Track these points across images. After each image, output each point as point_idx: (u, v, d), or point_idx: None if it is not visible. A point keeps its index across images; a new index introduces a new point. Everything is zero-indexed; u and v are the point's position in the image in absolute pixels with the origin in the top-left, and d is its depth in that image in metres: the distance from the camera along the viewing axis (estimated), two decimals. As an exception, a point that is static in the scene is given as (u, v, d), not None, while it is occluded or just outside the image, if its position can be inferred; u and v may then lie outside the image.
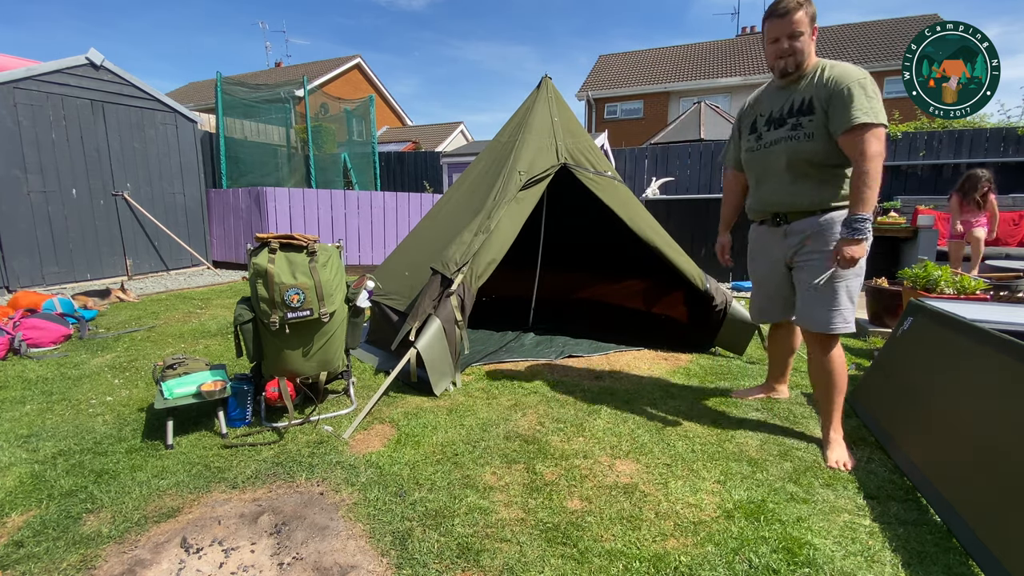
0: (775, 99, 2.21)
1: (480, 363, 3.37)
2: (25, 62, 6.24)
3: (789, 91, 2.15)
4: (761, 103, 2.29)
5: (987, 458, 1.64)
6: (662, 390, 2.91)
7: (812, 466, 2.09)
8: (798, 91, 2.11)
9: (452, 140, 21.87)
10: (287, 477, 2.02)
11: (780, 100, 2.18)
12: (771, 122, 2.19)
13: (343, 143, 10.99)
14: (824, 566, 1.52)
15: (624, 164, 10.41)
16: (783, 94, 2.17)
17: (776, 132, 2.16)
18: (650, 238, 3.38)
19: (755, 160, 2.29)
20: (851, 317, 2.10)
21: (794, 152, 2.09)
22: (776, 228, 2.25)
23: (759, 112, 2.27)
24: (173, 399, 2.30)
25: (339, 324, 2.52)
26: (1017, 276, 3.79)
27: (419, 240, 3.74)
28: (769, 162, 2.20)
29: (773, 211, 2.24)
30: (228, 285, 6.55)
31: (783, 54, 2.09)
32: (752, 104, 2.36)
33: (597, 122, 21.24)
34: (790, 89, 2.14)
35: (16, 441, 2.31)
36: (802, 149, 2.07)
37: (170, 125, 7.23)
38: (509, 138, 3.58)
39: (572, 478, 2.00)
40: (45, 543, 1.64)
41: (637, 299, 4.55)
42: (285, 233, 2.37)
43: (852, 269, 2.03)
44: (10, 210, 5.71)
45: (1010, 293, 3.35)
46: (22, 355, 3.46)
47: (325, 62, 23.12)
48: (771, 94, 2.25)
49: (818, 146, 2.04)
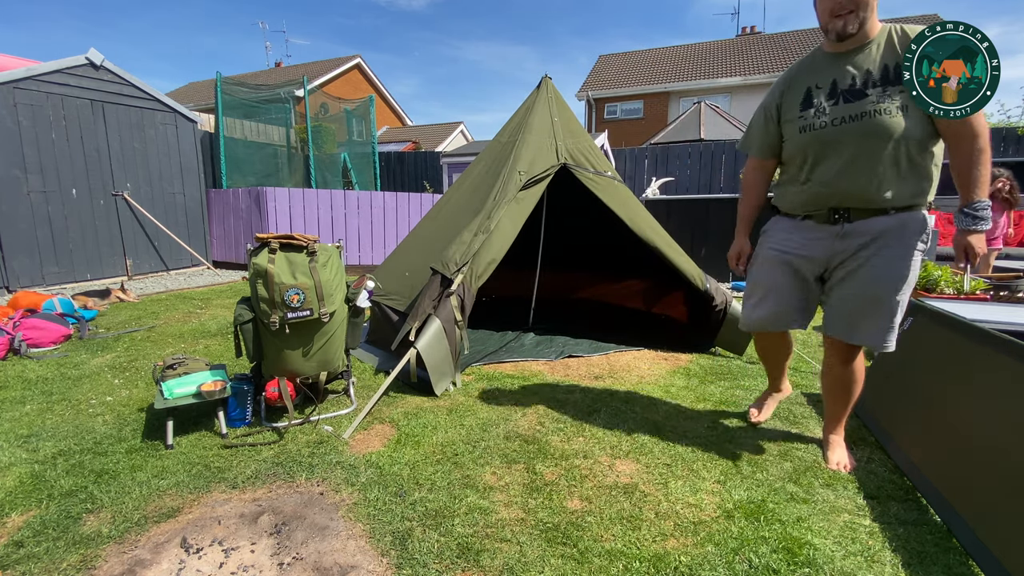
0: (836, 68, 1.80)
1: (480, 363, 3.37)
2: (25, 62, 6.24)
3: (855, 58, 1.76)
4: (816, 74, 1.86)
5: (987, 458, 1.64)
6: (662, 390, 2.91)
7: (812, 466, 2.09)
8: (871, 58, 1.73)
9: (452, 140, 21.87)
10: (287, 477, 2.02)
11: (848, 69, 1.77)
12: (841, 94, 1.77)
13: (343, 143, 10.99)
14: (824, 566, 1.52)
15: (624, 164, 10.41)
16: (847, 62, 1.78)
17: (853, 105, 1.74)
18: (650, 238, 3.38)
19: (818, 138, 1.82)
20: (896, 331, 1.86)
21: (886, 128, 1.68)
22: (829, 226, 1.85)
23: (814, 83, 1.84)
24: (173, 399, 2.30)
25: (339, 324, 2.52)
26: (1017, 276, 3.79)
27: (419, 240, 3.74)
28: (843, 140, 1.77)
29: (833, 204, 1.83)
30: (228, 285, 6.55)
31: (841, 9, 1.71)
32: (794, 78, 1.93)
33: (597, 122, 21.24)
34: (855, 56, 1.76)
35: (16, 441, 2.31)
36: (896, 125, 1.67)
37: (170, 125, 7.23)
38: (509, 138, 3.58)
39: (572, 478, 2.00)
40: (45, 543, 1.64)
41: (637, 299, 4.55)
42: (285, 233, 2.37)
43: (910, 277, 1.79)
44: (10, 210, 5.71)
45: (1010, 293, 3.35)
46: (22, 355, 3.46)
47: (325, 62, 23.11)
48: (828, 64, 1.84)
49: (914, 124, 1.67)
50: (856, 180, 1.77)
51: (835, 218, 1.85)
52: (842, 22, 1.73)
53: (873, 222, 1.78)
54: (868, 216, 1.78)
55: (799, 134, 1.89)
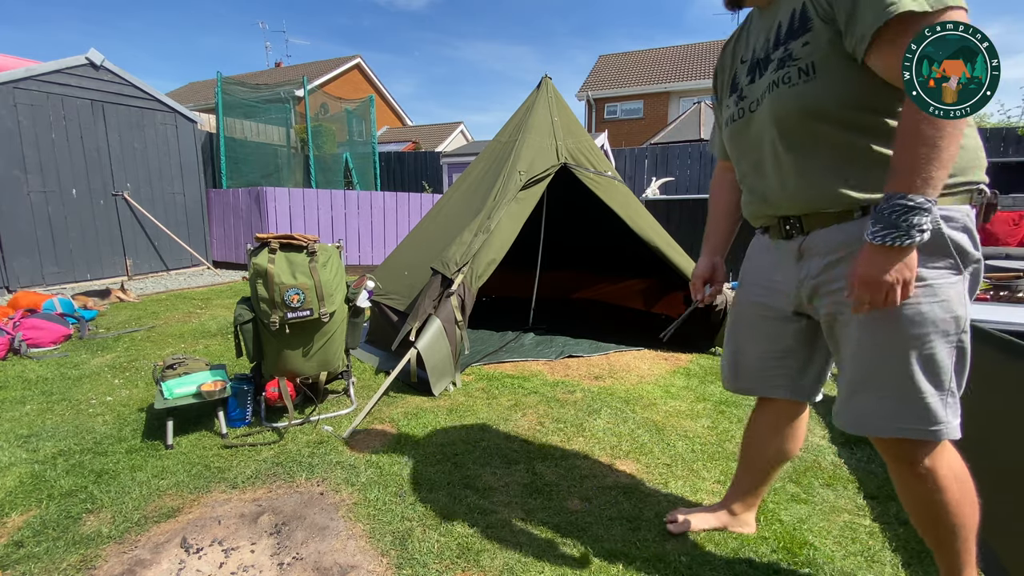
0: (757, 32, 1.31)
1: (480, 363, 3.37)
2: (25, 62, 6.24)
3: (775, 10, 1.24)
4: (741, 45, 1.38)
5: (987, 458, 1.64)
6: (662, 390, 2.91)
7: (812, 466, 2.09)
8: (782, 5, 1.22)
9: (452, 140, 21.87)
10: (287, 477, 2.02)
11: (763, 31, 1.28)
12: (754, 69, 1.28)
13: (343, 143, 11.00)
14: (824, 566, 1.52)
15: (624, 164, 10.41)
16: (767, 20, 1.27)
17: (760, 82, 1.25)
18: (650, 238, 3.38)
19: (736, 136, 1.36)
20: (940, 411, 1.11)
21: (787, 105, 1.16)
22: (786, 241, 1.29)
23: (740, 58, 1.36)
24: (173, 399, 2.30)
25: (339, 324, 2.52)
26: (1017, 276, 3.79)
27: (419, 240, 3.74)
28: (753, 134, 1.28)
29: (778, 214, 1.29)
30: (228, 285, 6.55)
31: None
32: (728, 52, 1.45)
33: (597, 122, 21.24)
34: (775, 8, 1.25)
35: (16, 441, 2.31)
36: (802, 96, 1.13)
37: (170, 125, 7.23)
38: (509, 138, 3.59)
39: (572, 478, 2.00)
40: (45, 543, 1.64)
41: (637, 299, 4.55)
42: (285, 233, 2.37)
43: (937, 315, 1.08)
44: (10, 210, 5.71)
45: (1010, 293, 3.35)
46: (22, 355, 3.46)
47: (325, 62, 23.11)
48: (753, 28, 1.35)
49: (830, 84, 1.10)
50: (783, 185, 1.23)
51: (788, 230, 1.27)
52: None
53: (836, 232, 1.17)
54: (826, 224, 1.18)
55: (727, 129, 1.40)
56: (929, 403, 1.10)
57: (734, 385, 1.53)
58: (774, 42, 1.22)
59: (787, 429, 1.53)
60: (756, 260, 1.45)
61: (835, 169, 1.14)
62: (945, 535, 1.22)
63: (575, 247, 4.62)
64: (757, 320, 1.43)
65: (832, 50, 1.09)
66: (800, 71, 1.13)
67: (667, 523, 1.69)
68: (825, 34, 1.09)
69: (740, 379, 1.51)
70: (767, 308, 1.39)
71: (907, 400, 1.11)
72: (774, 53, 1.21)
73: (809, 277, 1.23)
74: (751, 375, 1.48)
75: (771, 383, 1.45)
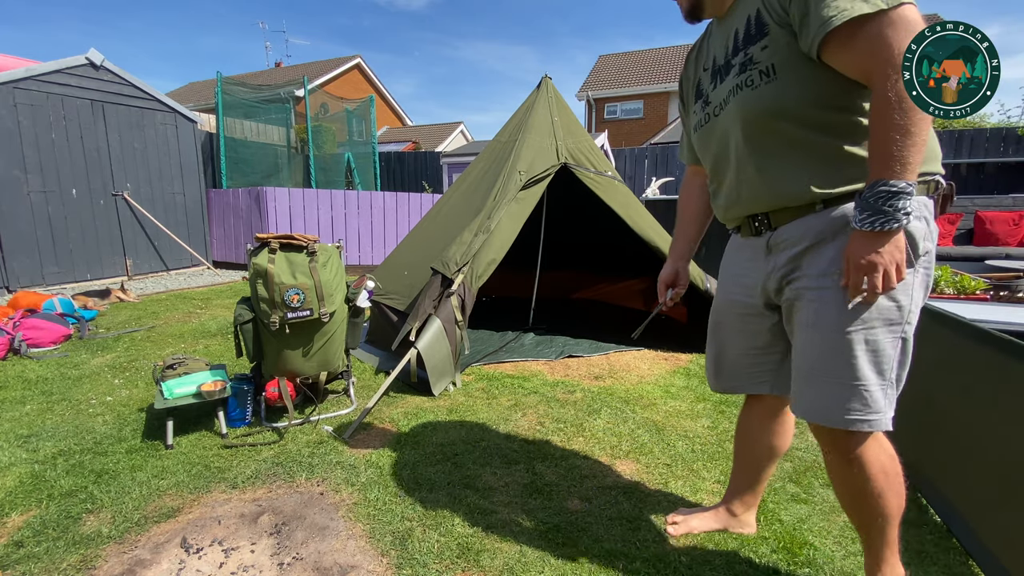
0: (717, 40, 1.34)
1: (480, 363, 3.37)
2: (25, 62, 6.23)
3: (731, 20, 1.28)
4: (703, 55, 1.42)
5: (987, 458, 1.64)
6: (662, 390, 2.91)
7: (812, 466, 2.09)
8: (736, 13, 1.25)
9: (452, 140, 21.87)
10: (287, 477, 2.02)
11: (722, 39, 1.31)
12: (716, 75, 1.32)
13: (343, 143, 11.00)
14: (824, 566, 1.52)
15: (624, 164, 10.41)
16: (725, 29, 1.30)
17: (722, 87, 1.28)
18: (650, 238, 3.38)
19: (704, 140, 1.39)
20: (879, 400, 1.15)
21: (751, 107, 1.19)
22: (756, 238, 1.33)
23: (702, 66, 1.40)
24: (173, 399, 2.30)
25: (339, 324, 2.52)
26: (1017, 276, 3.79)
27: (419, 240, 3.74)
28: (719, 137, 1.32)
29: (747, 213, 1.33)
30: (228, 285, 6.55)
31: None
32: (691, 61, 1.48)
33: (597, 122, 21.24)
34: (731, 18, 1.28)
35: (16, 441, 2.31)
36: (764, 98, 1.16)
37: (170, 125, 7.23)
38: (509, 138, 3.59)
39: (572, 478, 2.00)
40: (45, 543, 1.64)
41: (637, 299, 4.55)
42: (285, 233, 2.37)
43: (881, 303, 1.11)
44: (10, 210, 5.71)
45: (1010, 293, 3.35)
46: (22, 355, 3.46)
47: (325, 62, 23.11)
48: (713, 38, 1.38)
49: (788, 86, 1.13)
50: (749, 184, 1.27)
51: (757, 226, 1.31)
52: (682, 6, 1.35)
53: (799, 225, 1.20)
54: (790, 218, 1.22)
55: (696, 134, 1.44)
56: (871, 391, 1.14)
57: (717, 384, 1.56)
58: (733, 48, 1.25)
59: (775, 425, 1.55)
60: (731, 259, 1.49)
61: (799, 167, 1.17)
62: (869, 520, 1.28)
63: (575, 247, 4.62)
64: (735, 318, 1.45)
65: (790, 52, 1.12)
66: (761, 73, 1.17)
67: (667, 524, 1.67)
68: (782, 37, 1.13)
69: (722, 378, 1.54)
70: (743, 305, 1.41)
71: (851, 387, 1.15)
72: (734, 59, 1.24)
73: (776, 269, 1.26)
74: (734, 373, 1.50)
75: (754, 379, 1.47)
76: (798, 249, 1.21)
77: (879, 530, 1.29)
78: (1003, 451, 1.56)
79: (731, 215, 1.39)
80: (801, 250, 1.21)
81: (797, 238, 1.21)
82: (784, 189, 1.20)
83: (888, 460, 1.25)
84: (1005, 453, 1.55)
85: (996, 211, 6.68)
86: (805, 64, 1.11)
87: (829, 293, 1.15)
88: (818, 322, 1.17)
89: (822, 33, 1.03)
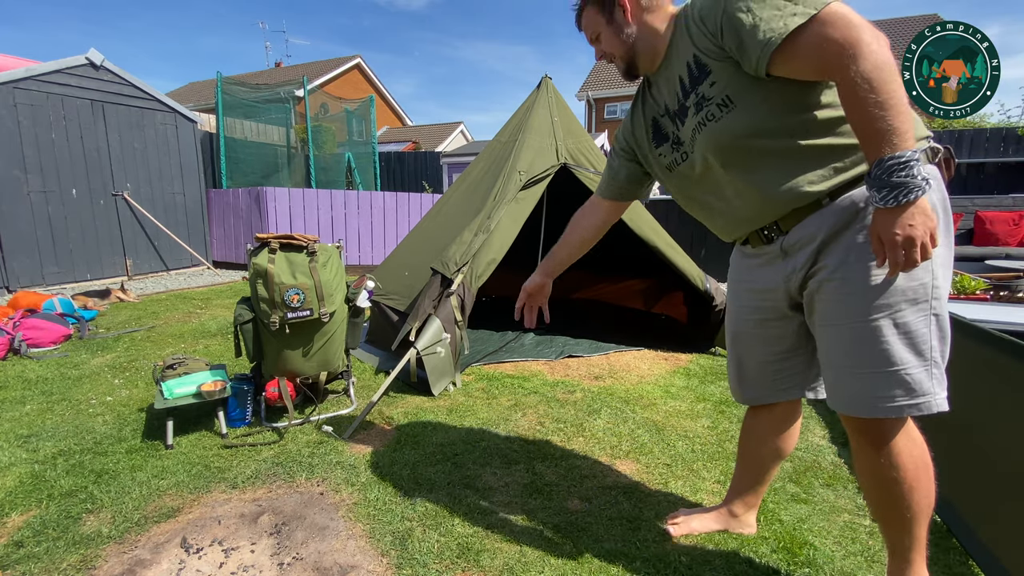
0: (659, 91, 1.40)
1: (480, 363, 3.37)
2: (25, 62, 6.24)
3: (668, 72, 1.33)
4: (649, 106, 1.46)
5: (987, 458, 1.64)
6: (662, 390, 2.91)
7: (812, 466, 2.09)
8: (672, 64, 1.31)
9: (452, 140, 21.88)
10: (287, 477, 2.02)
11: (665, 88, 1.36)
12: (675, 118, 1.36)
13: (343, 143, 11.00)
14: (824, 566, 1.52)
15: (624, 164, 10.38)
16: (664, 82, 1.36)
17: (684, 128, 1.33)
18: (650, 238, 3.38)
19: (684, 178, 1.42)
20: (924, 381, 1.13)
21: (719, 138, 1.24)
22: (767, 247, 1.32)
23: (658, 113, 1.43)
24: (173, 399, 2.30)
25: (339, 324, 2.52)
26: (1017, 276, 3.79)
27: (419, 240, 3.74)
28: (699, 172, 1.35)
29: (755, 227, 1.33)
30: (228, 285, 6.55)
31: (608, 59, 1.44)
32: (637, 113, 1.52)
33: (597, 122, 21.25)
34: (666, 71, 1.34)
35: (16, 441, 2.31)
36: (730, 126, 1.21)
37: (170, 125, 7.23)
38: (509, 138, 3.59)
39: (572, 478, 2.00)
40: (45, 543, 1.64)
41: (637, 299, 4.55)
42: (285, 233, 2.37)
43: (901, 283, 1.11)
44: (10, 210, 5.71)
45: (1010, 293, 3.35)
46: (22, 355, 3.46)
47: (325, 62, 23.12)
48: (654, 90, 1.43)
49: (751, 106, 1.18)
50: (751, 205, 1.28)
51: (766, 235, 1.31)
52: (619, 67, 1.43)
53: (808, 224, 1.21)
54: (800, 218, 1.22)
55: (673, 177, 1.46)
56: (912, 374, 1.12)
57: (742, 395, 1.55)
58: (682, 93, 1.30)
59: (783, 427, 1.55)
60: (738, 268, 1.48)
61: (789, 173, 1.19)
62: (897, 517, 1.24)
63: (575, 247, 4.61)
64: (753, 325, 1.44)
65: (739, 78, 1.17)
66: (719, 105, 1.21)
67: (667, 524, 1.68)
68: (727, 69, 1.18)
69: (746, 387, 1.52)
70: (762, 311, 1.40)
71: (890, 374, 1.13)
72: (687, 101, 1.29)
73: (797, 269, 1.26)
74: (758, 382, 1.49)
75: (780, 386, 1.46)
76: (815, 245, 1.21)
77: (907, 528, 1.24)
78: (1003, 451, 1.56)
79: (738, 233, 1.39)
80: (818, 245, 1.21)
81: (811, 236, 1.21)
82: (783, 197, 1.21)
83: (919, 452, 1.22)
84: (1005, 453, 1.55)
85: (996, 211, 6.67)
86: (757, 83, 1.16)
87: (850, 284, 1.15)
88: (843, 313, 1.17)
89: (766, 56, 1.07)
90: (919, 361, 1.13)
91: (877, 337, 1.13)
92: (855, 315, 1.15)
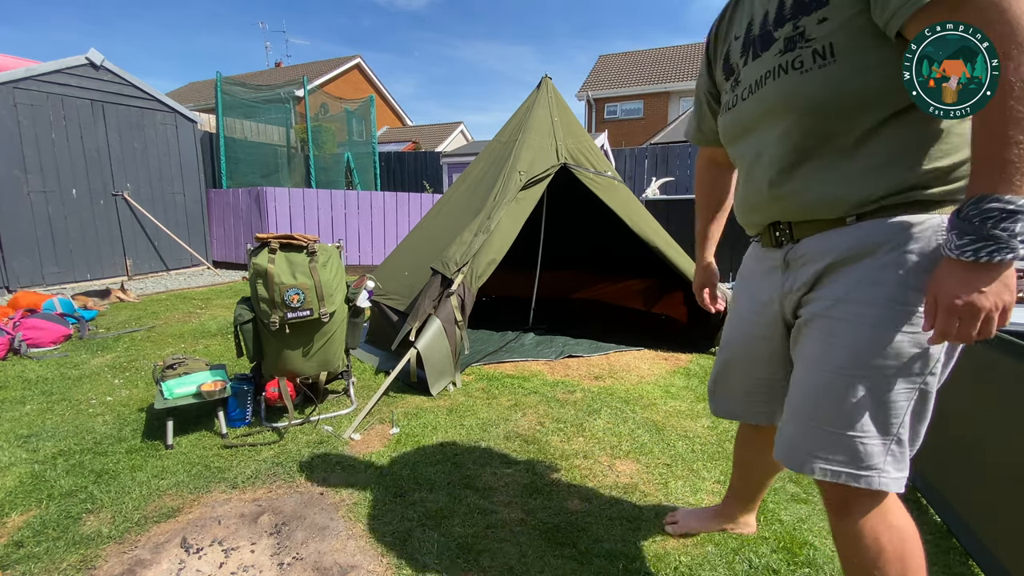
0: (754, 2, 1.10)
1: (480, 363, 3.37)
2: (25, 62, 6.23)
3: None
4: (737, 18, 1.17)
5: (987, 458, 1.64)
6: (662, 390, 2.91)
7: (812, 466, 2.08)
8: None
9: (452, 140, 21.87)
10: (287, 477, 2.02)
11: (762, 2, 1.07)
12: (751, 44, 1.08)
13: (343, 143, 11.00)
14: (824, 566, 1.52)
15: (624, 164, 10.41)
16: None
17: (760, 63, 1.04)
18: (650, 238, 3.39)
19: (731, 128, 1.17)
20: (874, 453, 0.95)
21: (796, 97, 0.97)
22: (775, 250, 1.14)
23: (734, 34, 1.16)
24: (173, 399, 2.30)
25: (339, 324, 2.52)
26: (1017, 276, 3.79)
27: (419, 240, 3.74)
28: (747, 126, 1.10)
29: (768, 220, 1.13)
30: (228, 285, 6.55)
31: None
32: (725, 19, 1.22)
33: (597, 122, 21.25)
34: None
35: (16, 441, 2.31)
36: (813, 87, 0.94)
37: (170, 125, 7.23)
38: (509, 138, 3.59)
39: (572, 478, 2.00)
40: (45, 543, 1.64)
41: (637, 299, 4.55)
42: (285, 233, 2.37)
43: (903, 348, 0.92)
44: (10, 210, 5.71)
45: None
46: (22, 355, 3.46)
47: (325, 62, 23.11)
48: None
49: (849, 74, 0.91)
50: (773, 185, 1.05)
51: (776, 236, 1.12)
52: None
53: (820, 240, 1.01)
54: (818, 230, 1.02)
55: (724, 118, 1.21)
56: (866, 444, 0.94)
57: (714, 406, 1.41)
58: (777, 15, 1.01)
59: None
60: (749, 269, 1.29)
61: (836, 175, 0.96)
62: None
63: (575, 247, 4.62)
64: (743, 342, 1.29)
65: (857, 28, 0.89)
66: (815, 54, 0.93)
67: (667, 524, 1.68)
68: (849, 8, 0.89)
69: (718, 400, 1.39)
70: (756, 326, 1.23)
71: (840, 436, 0.95)
72: (778, 30, 1.00)
73: (795, 289, 1.07)
74: (735, 396, 1.35)
75: (753, 409, 1.31)
76: (819, 266, 1.01)
77: None
78: (1003, 451, 1.56)
79: (753, 220, 1.18)
80: (823, 267, 1.00)
81: (818, 254, 1.01)
82: (813, 197, 0.99)
83: (897, 544, 0.99)
84: (1005, 453, 1.55)
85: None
86: (874, 45, 0.88)
87: (840, 330, 0.95)
88: (822, 358, 0.98)
89: (911, 6, 0.81)
90: (880, 435, 0.94)
91: (845, 395, 0.95)
92: (833, 365, 0.96)
